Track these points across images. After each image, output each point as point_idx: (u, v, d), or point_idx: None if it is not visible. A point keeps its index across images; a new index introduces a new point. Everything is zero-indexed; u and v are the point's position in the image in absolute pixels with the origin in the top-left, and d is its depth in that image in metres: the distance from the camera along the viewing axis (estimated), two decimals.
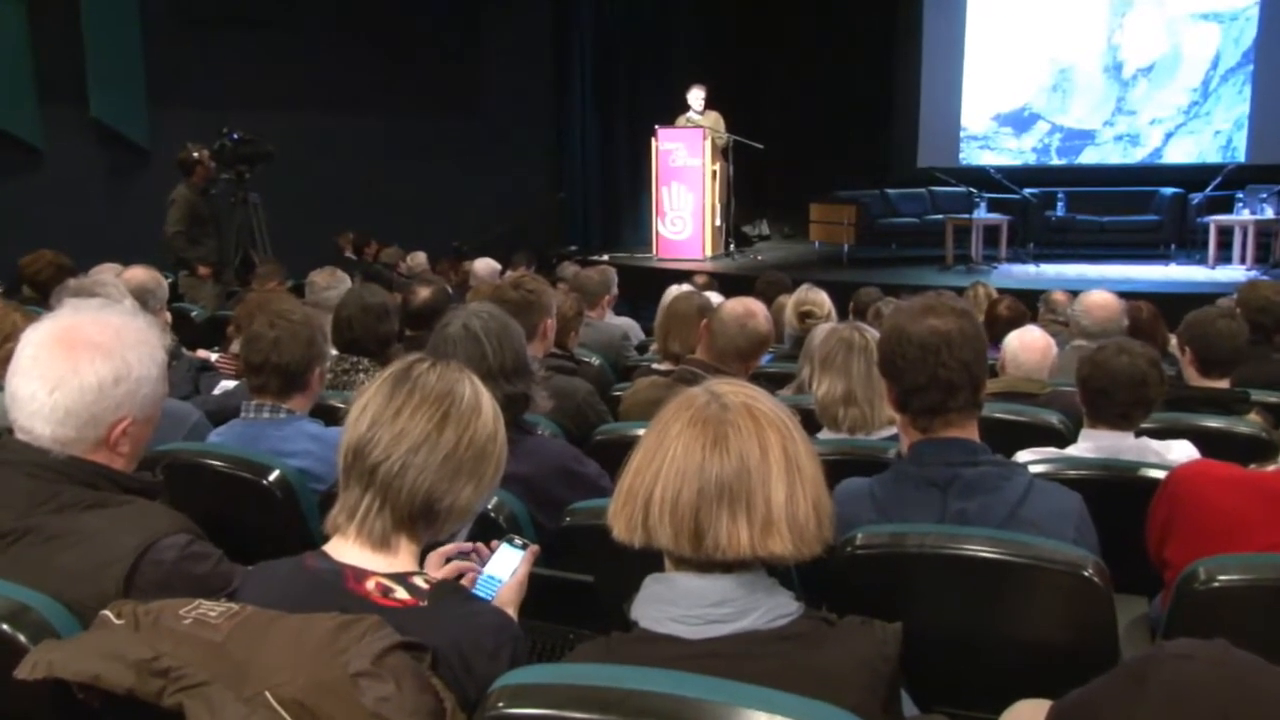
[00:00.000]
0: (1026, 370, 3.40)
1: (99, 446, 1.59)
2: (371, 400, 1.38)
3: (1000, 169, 10.79)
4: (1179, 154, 11.95)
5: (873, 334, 2.64)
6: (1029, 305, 5.03)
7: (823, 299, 4.32)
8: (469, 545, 1.63)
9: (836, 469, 1.55)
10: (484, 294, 4.93)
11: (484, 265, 7.19)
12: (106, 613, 1.21)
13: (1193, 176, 10.84)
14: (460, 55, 11.68)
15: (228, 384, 3.52)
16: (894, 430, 2.35)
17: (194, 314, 5.92)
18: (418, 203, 11.01)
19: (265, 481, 2.17)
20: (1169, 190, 11.13)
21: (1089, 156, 12.34)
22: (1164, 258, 10.41)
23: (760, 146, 10.33)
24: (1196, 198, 10.37)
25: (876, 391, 2.55)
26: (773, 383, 3.48)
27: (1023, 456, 2.45)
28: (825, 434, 2.67)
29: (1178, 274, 9.45)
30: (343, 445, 1.38)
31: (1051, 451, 2.53)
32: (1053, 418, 2.86)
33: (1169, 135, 12.00)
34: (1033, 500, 1.76)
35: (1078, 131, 12.36)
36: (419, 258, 9.10)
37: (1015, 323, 4.22)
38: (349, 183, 10.62)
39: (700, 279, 6.43)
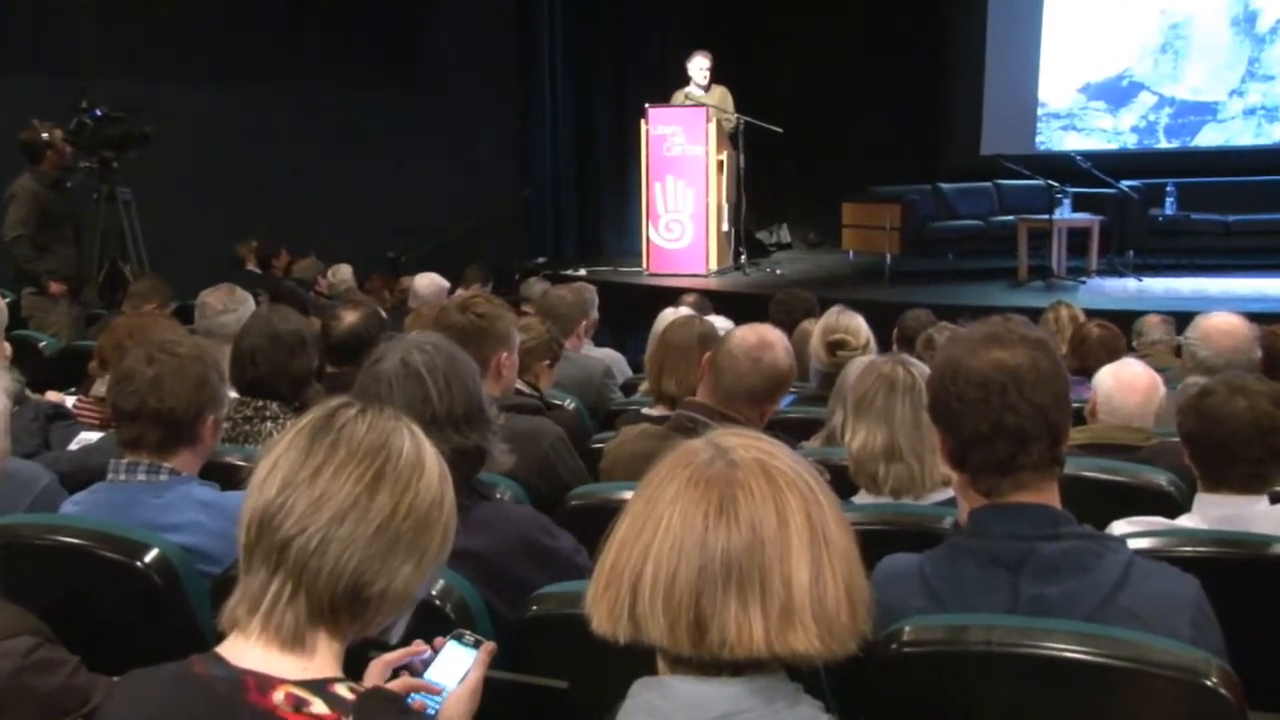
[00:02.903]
0: (1124, 416, 3.44)
1: None
2: (283, 457, 1.40)
3: (1090, 155, 10.87)
4: None
5: (922, 370, 2.68)
6: (1127, 331, 5.09)
7: (858, 325, 4.36)
8: (421, 649, 1.64)
9: (876, 542, 1.58)
10: (427, 320, 5.01)
11: (427, 283, 7.22)
12: None
13: None
14: (398, 12, 11.81)
15: (89, 436, 3.51)
16: (949, 493, 2.38)
17: (43, 344, 5.92)
18: (342, 201, 11.07)
19: (139, 563, 2.17)
20: None
21: (1209, 137, 12.46)
22: None
23: (779, 130, 10.43)
24: None
25: (927, 443, 2.58)
26: (794, 432, 3.50)
27: (1120, 528, 2.48)
28: (862, 497, 2.70)
29: None
30: (244, 515, 1.39)
31: (1158, 522, 2.56)
32: (1160, 478, 2.89)
33: None
34: (1134, 585, 1.77)
35: (1194, 104, 12.49)
36: (343, 272, 9.14)
37: (1110, 354, 4.27)
38: (252, 175, 10.67)
39: (691, 299, 6.45)
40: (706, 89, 10.47)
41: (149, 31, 10.44)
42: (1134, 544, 2.09)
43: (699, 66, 10.44)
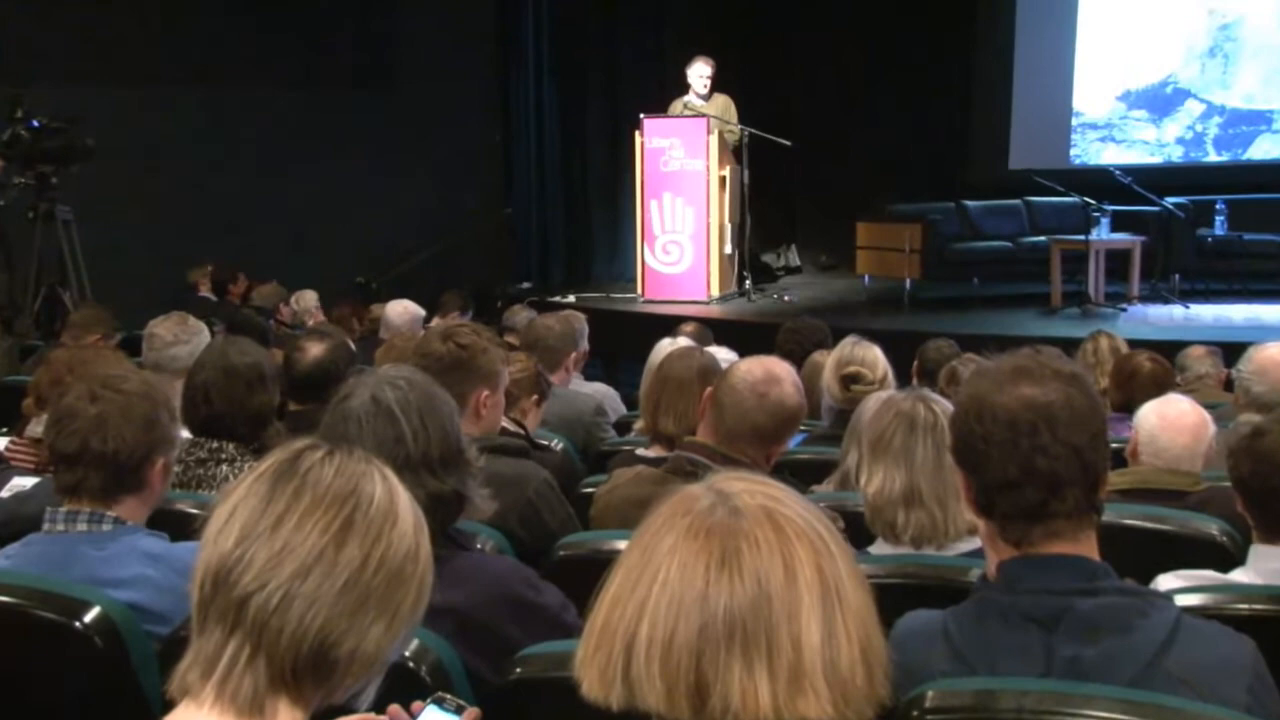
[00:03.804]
0: (1170, 458, 3.45)
1: None
2: (241, 504, 1.40)
3: (1131, 169, 10.93)
4: None
5: (945, 407, 2.69)
6: (1173, 363, 5.11)
7: (875, 357, 4.38)
8: (397, 715, 1.64)
9: (895, 597, 1.58)
10: (400, 351, 5.01)
11: (400, 311, 7.22)
12: None
13: None
14: (368, 13, 11.85)
15: (22, 482, 3.50)
16: (976, 543, 2.39)
17: None
18: (306, 220, 11.10)
19: (78, 624, 2.17)
20: None
21: (1263, 149, 12.54)
22: None
23: (787, 143, 10.49)
24: None
25: (950, 488, 2.58)
26: (805, 475, 3.51)
27: (1166, 583, 2.49)
28: (879, 547, 2.71)
29: None
30: (198, 569, 1.39)
31: (1209, 576, 2.57)
32: (1210, 526, 2.90)
33: None
34: (1182, 646, 1.77)
35: (1247, 113, 12.57)
36: (308, 299, 9.14)
37: (1155, 389, 4.28)
38: (207, 191, 10.71)
39: (691, 328, 6.47)
40: (707, 98, 10.52)
41: (91, 32, 10.46)
42: (1181, 600, 2.09)
43: (699, 73, 10.48)
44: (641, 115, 10.55)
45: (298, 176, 11.22)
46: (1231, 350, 5.42)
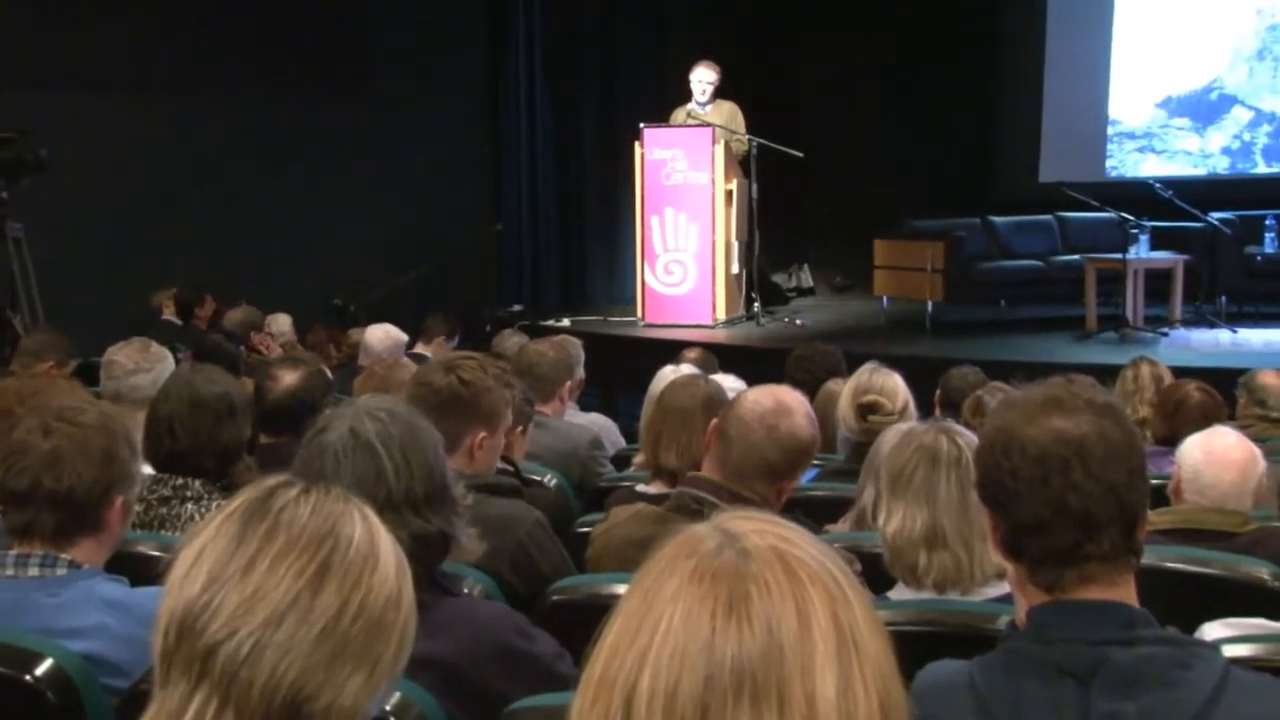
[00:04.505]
0: (1216, 496, 3.45)
1: None
2: (209, 546, 1.40)
3: (1172, 182, 10.95)
4: None
5: (970, 440, 2.70)
6: (1223, 393, 5.10)
7: (895, 386, 4.39)
8: None
9: (917, 646, 1.58)
10: (381, 380, 5.02)
11: (380, 336, 7.24)
12: None
13: None
14: (345, 15, 11.88)
15: None
16: (1004, 588, 2.39)
17: None
18: (280, 238, 11.11)
19: (29, 677, 2.17)
20: None
21: None
22: None
23: (799, 154, 10.53)
24: None
25: (976, 528, 2.59)
26: (818, 513, 3.50)
27: (1213, 632, 2.48)
28: (900, 592, 2.71)
29: None
30: (162, 616, 1.40)
31: (1259, 624, 2.56)
32: (1260, 570, 2.90)
33: None
34: (1231, 702, 1.76)
35: None
36: (281, 323, 9.16)
37: (1203, 421, 4.28)
38: (171, 207, 10.73)
39: (695, 354, 6.47)
40: (711, 104, 10.56)
41: (44, 36, 10.47)
42: (1229, 651, 2.09)
43: (700, 78, 10.54)
44: (642, 124, 10.57)
45: (269, 191, 11.24)
46: None
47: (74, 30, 10.54)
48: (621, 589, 1.33)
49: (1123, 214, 10.12)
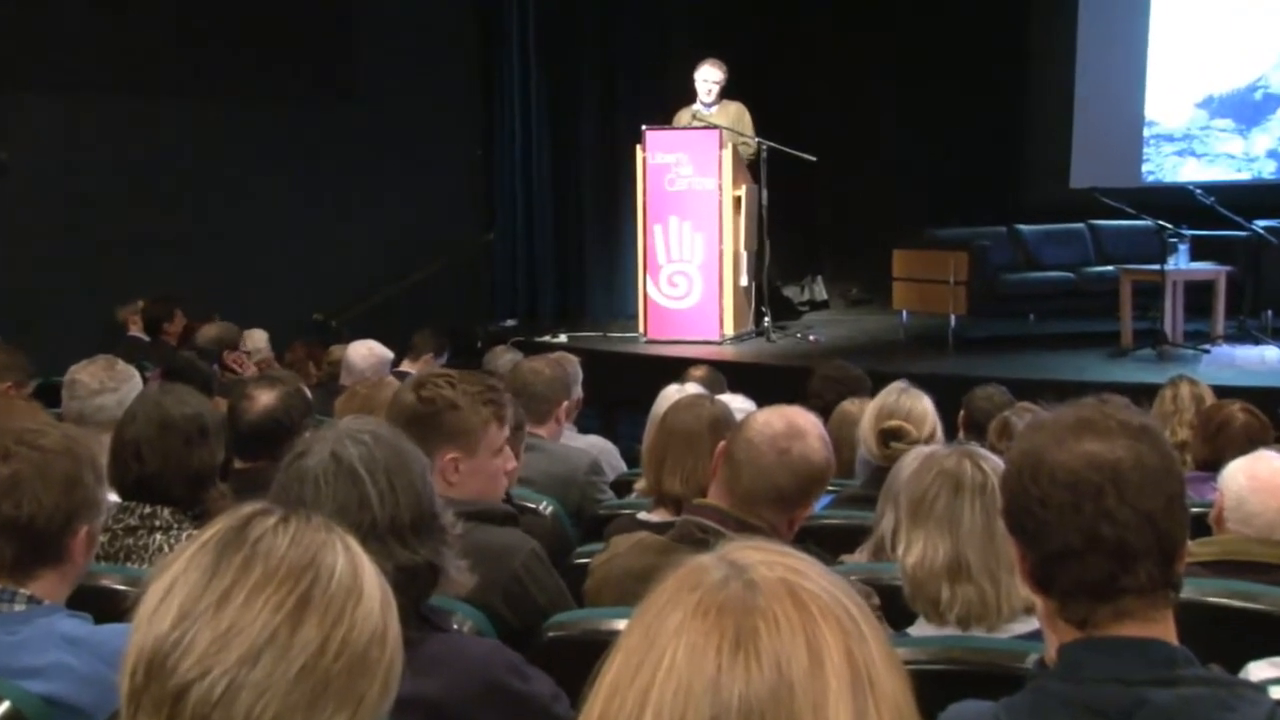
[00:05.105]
0: (1262, 525, 3.44)
1: None
2: (180, 579, 1.40)
3: (1214, 187, 10.90)
4: None
5: (995, 465, 2.70)
6: (1269, 414, 5.09)
7: (924, 410, 4.37)
8: None
9: (939, 686, 1.58)
10: (365, 400, 5.01)
11: (364, 353, 7.24)
12: None
13: None
14: (328, 10, 11.88)
15: None
16: (1033, 623, 2.38)
17: None
18: (255, 249, 11.11)
19: None
20: None
21: None
22: None
23: (812, 159, 10.54)
24: None
25: (1003, 559, 2.59)
26: (833, 543, 3.50)
27: (1258, 671, 2.48)
28: (921, 628, 2.71)
29: None
30: (129, 654, 1.39)
31: None
32: None
33: None
34: None
35: None
36: (257, 339, 9.15)
37: (1248, 444, 4.27)
38: (139, 214, 10.72)
39: (701, 373, 6.48)
40: (717, 105, 10.57)
41: (3, 31, 10.45)
42: (1277, 692, 2.09)
43: (705, 77, 10.53)
44: (644, 126, 10.58)
45: (244, 198, 11.25)
46: None
47: (35, 27, 10.54)
48: (622, 624, 1.33)
49: (1160, 222, 10.08)
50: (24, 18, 10.49)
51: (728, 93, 10.63)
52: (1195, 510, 3.22)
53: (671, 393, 5.04)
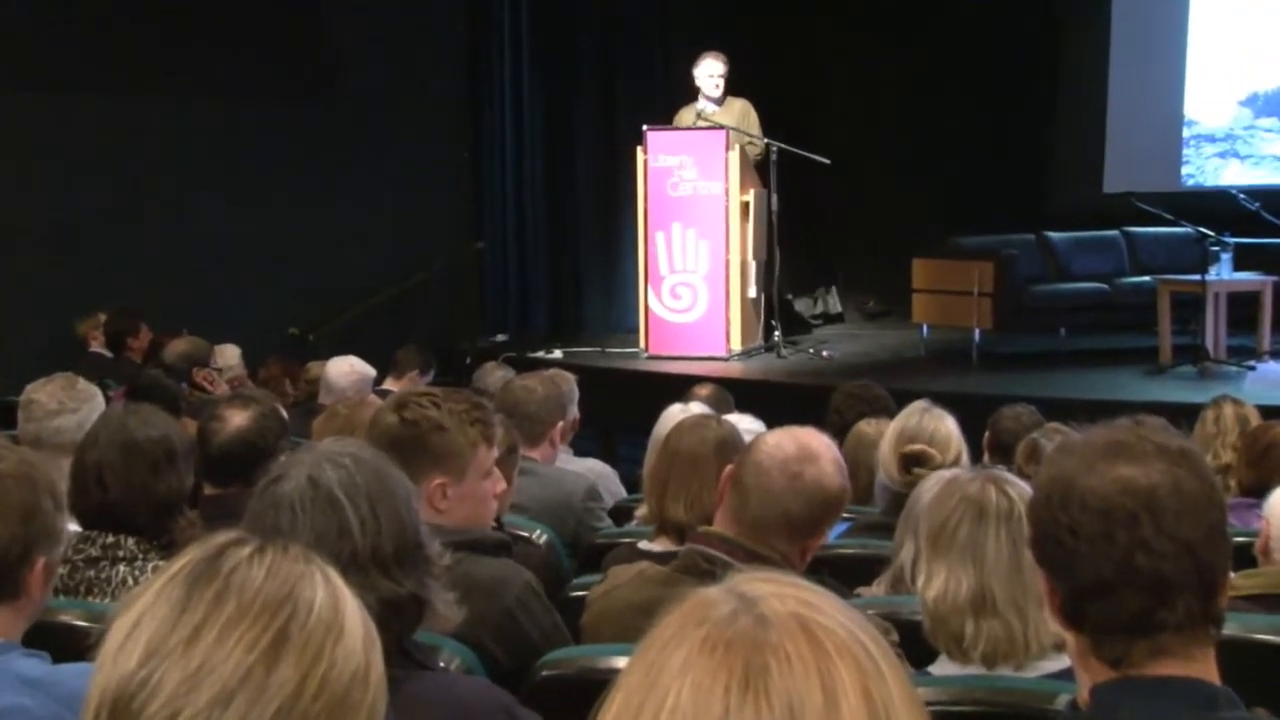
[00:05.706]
0: None
1: None
2: (147, 614, 1.40)
3: (1259, 191, 10.94)
4: None
5: (1023, 490, 2.69)
6: None
7: (948, 432, 4.36)
8: None
9: None
10: (345, 421, 5.01)
11: (345, 370, 7.25)
12: None
13: None
14: (307, 7, 11.88)
15: None
16: (1064, 661, 2.38)
17: None
18: (227, 260, 11.10)
19: None
20: None
21: None
22: None
23: (826, 162, 10.53)
24: None
25: (1031, 592, 2.58)
26: (848, 574, 3.51)
27: None
28: (943, 666, 2.70)
29: None
30: (92, 695, 1.39)
31: None
32: None
33: None
34: None
35: None
36: (229, 355, 9.15)
37: None
38: (102, 223, 10.72)
39: (706, 391, 6.48)
40: (721, 103, 10.56)
41: None
42: None
43: (709, 72, 10.52)
44: (644, 126, 10.59)
45: (216, 204, 11.23)
46: None
47: None
48: (621, 661, 1.33)
49: (1201, 228, 10.07)
50: None
51: (731, 88, 10.63)
52: (1239, 539, 3.23)
53: (674, 413, 5.04)
